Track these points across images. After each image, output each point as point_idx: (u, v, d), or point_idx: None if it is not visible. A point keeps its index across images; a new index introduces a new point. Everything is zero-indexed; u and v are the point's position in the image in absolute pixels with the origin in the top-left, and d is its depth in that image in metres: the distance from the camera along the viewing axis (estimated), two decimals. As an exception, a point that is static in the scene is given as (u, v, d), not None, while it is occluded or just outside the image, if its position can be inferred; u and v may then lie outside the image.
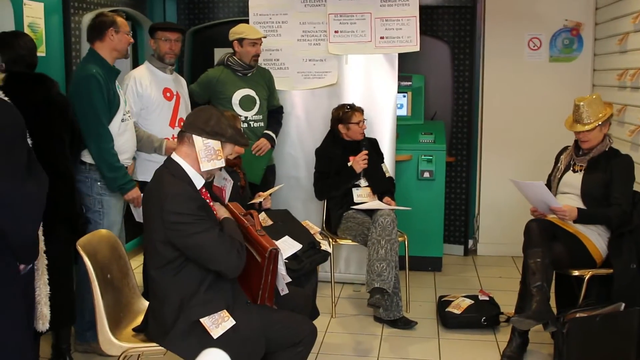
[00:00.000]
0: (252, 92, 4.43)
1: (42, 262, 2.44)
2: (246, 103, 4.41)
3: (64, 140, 3.33)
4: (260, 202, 3.78)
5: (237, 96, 4.39)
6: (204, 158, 2.55)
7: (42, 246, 2.41)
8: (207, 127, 2.56)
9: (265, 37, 4.46)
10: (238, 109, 4.36)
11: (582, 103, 3.59)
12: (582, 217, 3.53)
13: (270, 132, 4.49)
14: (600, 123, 3.56)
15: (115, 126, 3.53)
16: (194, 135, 2.57)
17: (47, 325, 2.45)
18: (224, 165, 2.62)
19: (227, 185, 3.25)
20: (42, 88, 3.26)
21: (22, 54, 3.25)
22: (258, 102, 4.45)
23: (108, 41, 3.54)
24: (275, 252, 2.63)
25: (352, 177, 4.34)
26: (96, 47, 3.56)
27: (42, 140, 3.21)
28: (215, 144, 2.57)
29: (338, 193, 4.40)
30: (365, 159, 4.32)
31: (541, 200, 3.64)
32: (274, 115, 4.63)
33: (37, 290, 2.39)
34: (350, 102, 4.51)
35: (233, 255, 2.51)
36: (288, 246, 3.37)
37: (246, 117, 4.40)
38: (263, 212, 3.66)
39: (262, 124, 4.47)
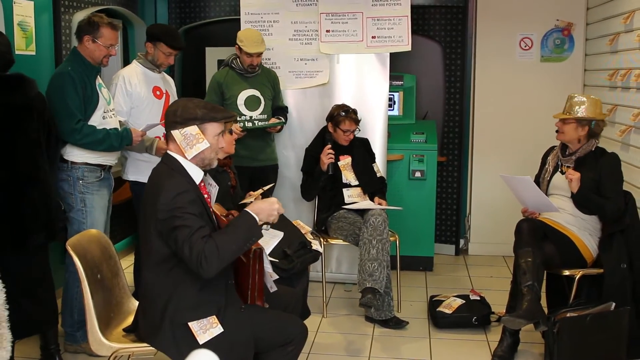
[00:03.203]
0: (257, 92, 4.47)
1: None
2: (251, 103, 4.45)
3: (42, 144, 3.25)
4: (251, 201, 3.76)
5: (242, 96, 4.43)
6: (186, 146, 2.57)
7: None
8: (177, 118, 2.58)
9: (265, 50, 4.44)
10: (243, 109, 4.41)
11: (578, 95, 3.63)
12: (582, 192, 3.53)
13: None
14: (578, 119, 3.58)
15: (94, 123, 3.49)
16: (171, 131, 2.59)
17: (8, 350, 2.32)
18: (208, 145, 2.58)
19: (212, 191, 3.24)
20: (20, 92, 3.16)
21: (2, 50, 3.11)
22: (263, 101, 4.48)
23: (84, 47, 3.51)
24: (259, 251, 2.63)
25: (321, 174, 4.32)
26: (78, 46, 3.55)
27: (22, 147, 3.14)
28: (191, 129, 2.58)
29: (315, 192, 4.41)
30: (329, 154, 4.29)
31: (530, 196, 3.65)
32: (280, 109, 4.66)
33: None
34: (353, 107, 4.43)
35: (200, 264, 2.38)
36: (269, 239, 3.36)
37: (251, 117, 4.43)
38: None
39: (267, 123, 4.50)
